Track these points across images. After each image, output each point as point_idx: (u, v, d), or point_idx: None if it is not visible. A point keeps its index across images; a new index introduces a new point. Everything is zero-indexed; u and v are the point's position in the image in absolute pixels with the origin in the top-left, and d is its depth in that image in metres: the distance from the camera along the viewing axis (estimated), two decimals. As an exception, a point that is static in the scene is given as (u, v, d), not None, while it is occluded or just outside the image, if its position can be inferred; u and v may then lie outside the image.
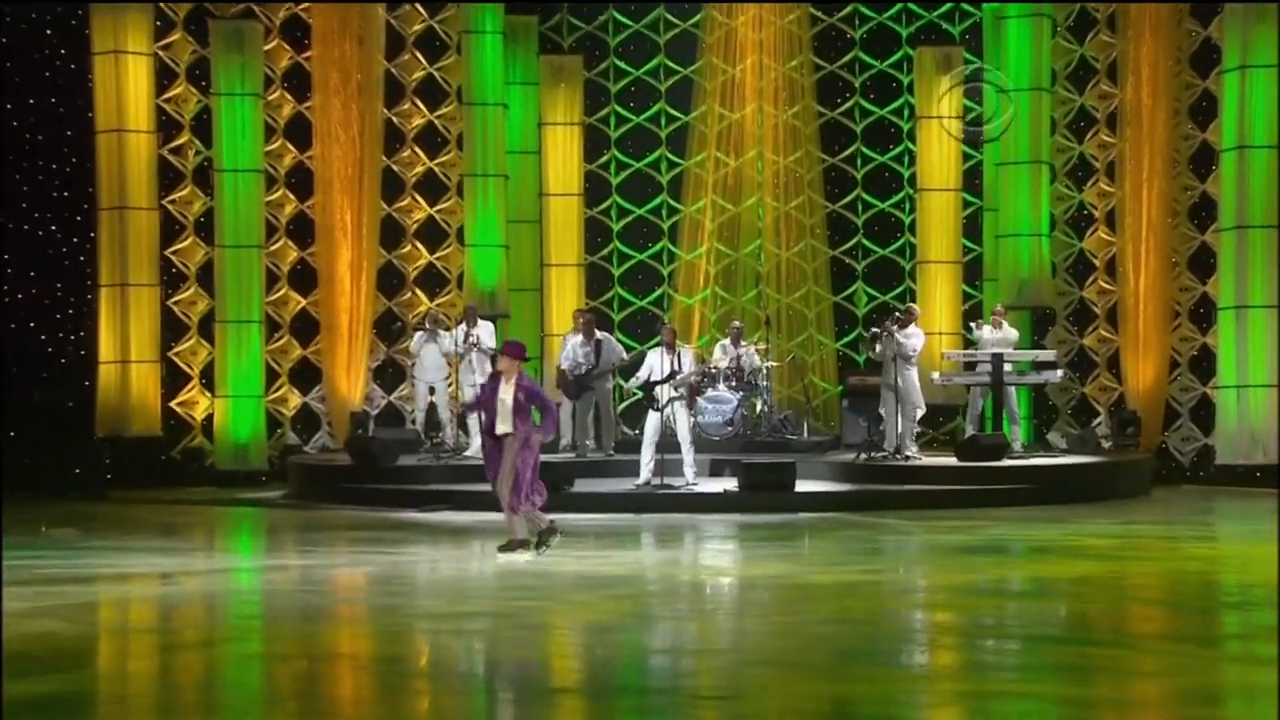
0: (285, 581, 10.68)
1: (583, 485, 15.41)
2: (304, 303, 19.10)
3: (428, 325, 17.33)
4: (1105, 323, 19.03)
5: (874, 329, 16.14)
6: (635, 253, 20.33)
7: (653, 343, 17.24)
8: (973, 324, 17.60)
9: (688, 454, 15.23)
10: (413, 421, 18.41)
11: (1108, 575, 10.53)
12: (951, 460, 16.07)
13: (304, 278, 19.16)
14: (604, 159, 20.28)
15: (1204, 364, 18.25)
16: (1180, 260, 18.46)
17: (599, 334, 17.12)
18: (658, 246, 20.33)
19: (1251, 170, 17.20)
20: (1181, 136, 18.44)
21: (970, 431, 16.97)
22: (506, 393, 11.45)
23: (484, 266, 18.82)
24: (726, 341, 18.18)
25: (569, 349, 17.10)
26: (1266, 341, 17.09)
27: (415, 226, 19.75)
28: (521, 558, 11.20)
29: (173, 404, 18.59)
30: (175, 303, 18.70)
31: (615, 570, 10.89)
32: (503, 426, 11.41)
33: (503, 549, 11.38)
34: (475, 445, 16.53)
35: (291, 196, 19.23)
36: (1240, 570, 11.19)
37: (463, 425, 17.33)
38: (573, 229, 19.75)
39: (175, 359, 18.64)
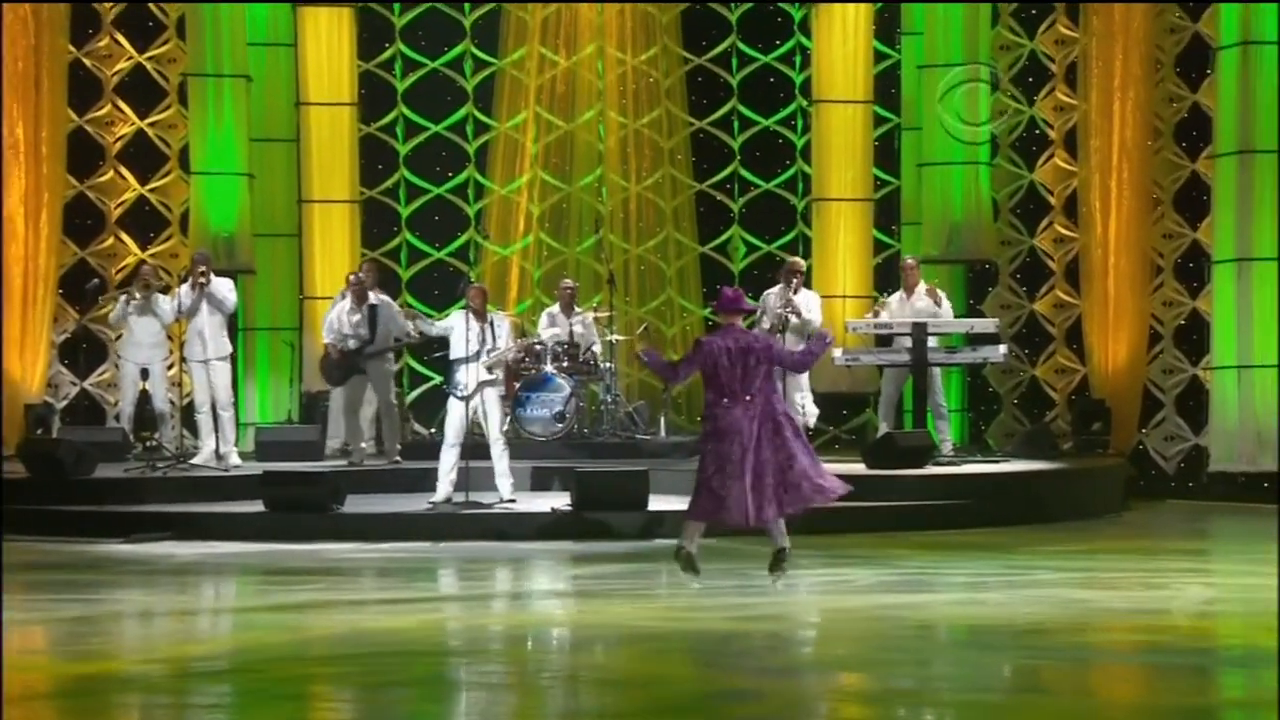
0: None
1: (358, 504, 15.25)
2: (-41, 252, 18.59)
3: (137, 293, 16.93)
4: (1063, 281, 19.35)
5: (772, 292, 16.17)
6: (430, 185, 20.17)
7: (456, 305, 17.04)
8: (882, 297, 17.64)
9: (501, 460, 15.12)
10: (117, 418, 18.14)
11: (1067, 622, 10.62)
12: (859, 467, 16.15)
13: (-40, 217, 18.66)
14: (386, 55, 20.07)
15: (1194, 336, 18.66)
16: (1164, 197, 18.84)
17: (374, 296, 16.91)
18: (461, 177, 20.20)
19: (1259, 74, 17.58)
20: (1166, 29, 18.80)
21: (884, 428, 17.09)
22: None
23: (218, 203, 18.57)
24: (555, 308, 18.12)
25: (333, 317, 16.88)
26: (1276, 305, 17.47)
27: (119, 146, 19.37)
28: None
29: None
30: None
31: (401, 621, 10.73)
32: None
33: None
34: (207, 450, 16.26)
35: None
36: (1243, 614, 11.38)
37: (189, 423, 16.98)
38: (343, 152, 19.56)
39: None
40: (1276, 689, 8.04)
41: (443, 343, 15.39)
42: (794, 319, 15.86)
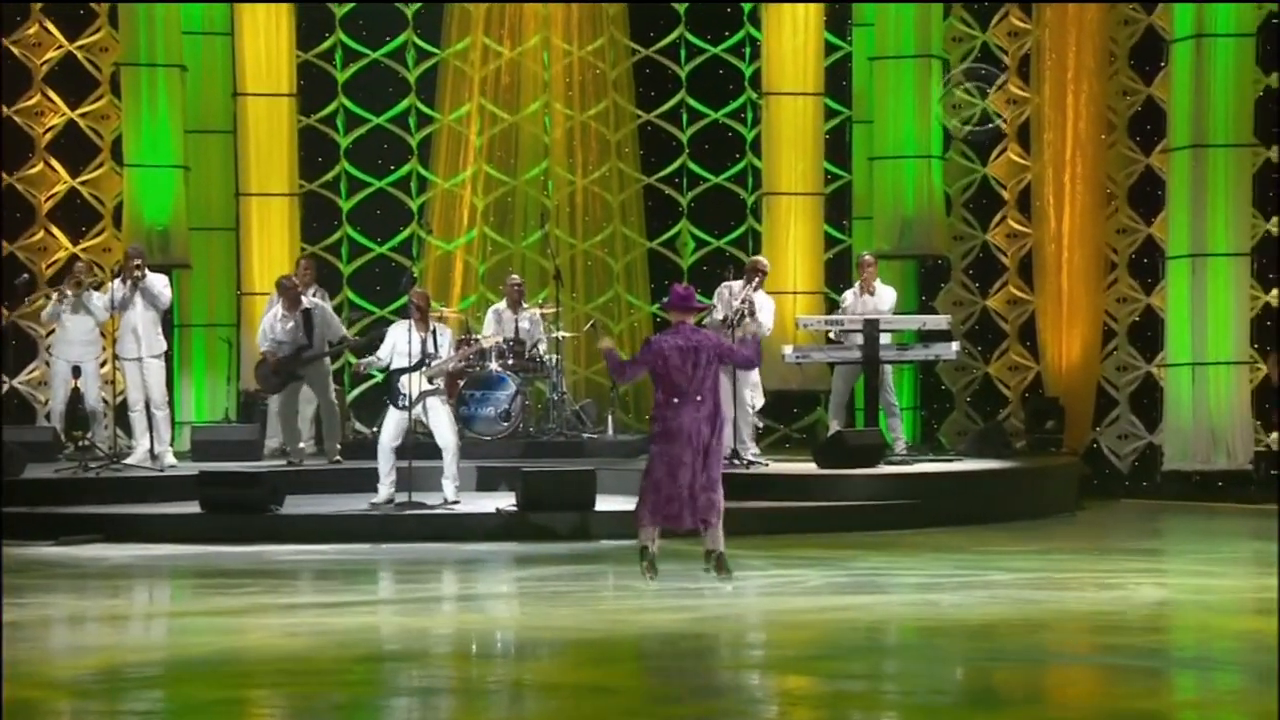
0: None
1: (297, 505, 15.20)
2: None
3: (69, 290, 16.86)
4: (1017, 277, 19.43)
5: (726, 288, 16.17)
6: (372, 178, 20.10)
7: (399, 301, 17.00)
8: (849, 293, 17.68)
9: (451, 465, 15.08)
10: (47, 417, 18.09)
11: (1020, 623, 10.67)
12: (809, 466, 16.19)
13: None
14: (325, 45, 19.98)
15: (1148, 333, 18.77)
16: (1118, 191, 18.93)
17: (308, 300, 16.84)
18: (404, 170, 20.14)
19: (1213, 67, 17.68)
20: (1119, 21, 18.90)
21: (834, 427, 17.13)
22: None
23: (152, 196, 18.47)
24: (501, 305, 18.08)
25: (266, 324, 16.84)
26: (1233, 302, 17.58)
27: (49, 137, 19.27)
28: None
29: None
30: None
31: (341, 625, 10.69)
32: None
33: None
34: (141, 450, 16.18)
35: None
36: (1197, 615, 11.45)
37: (122, 422, 16.89)
38: (282, 144, 19.45)
39: None
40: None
41: (369, 348, 15.47)
42: (748, 317, 15.87)
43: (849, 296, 17.33)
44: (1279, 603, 10.22)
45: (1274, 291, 18.06)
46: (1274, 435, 17.78)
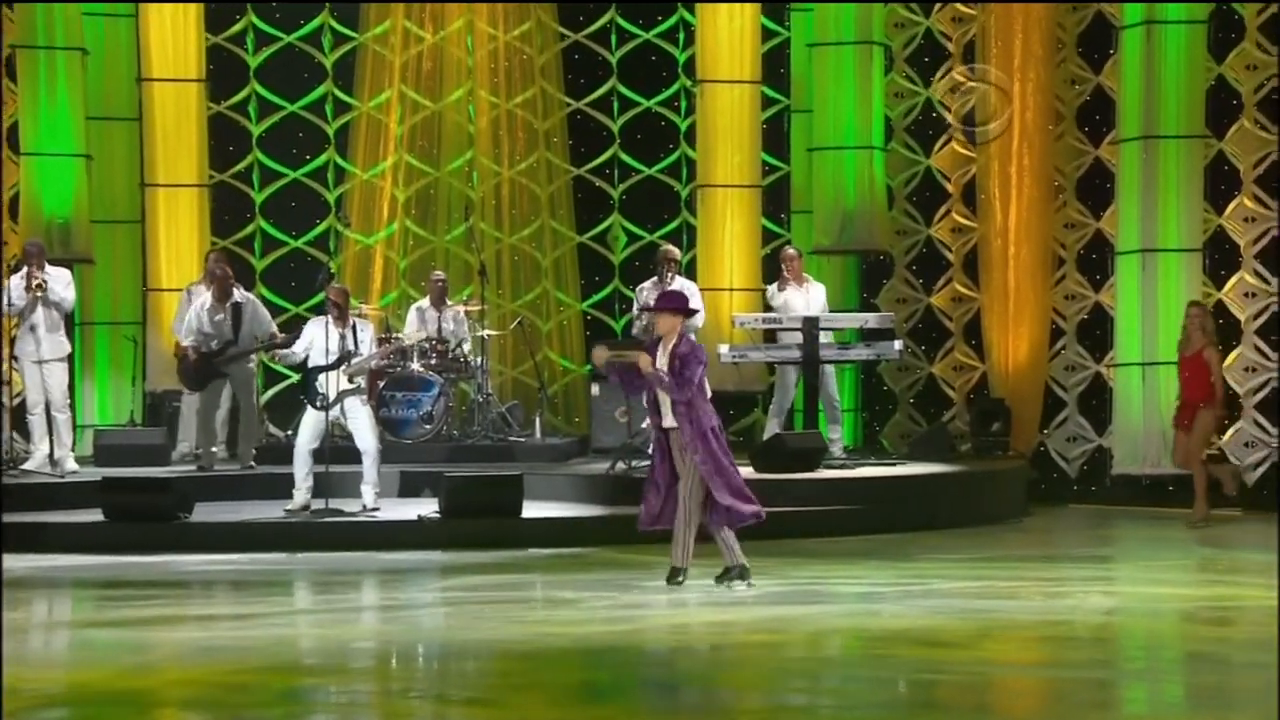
0: None
1: (208, 512, 15.16)
2: None
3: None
4: (962, 273, 19.52)
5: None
6: (286, 169, 20.03)
7: (315, 298, 16.97)
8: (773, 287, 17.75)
9: (371, 470, 15.05)
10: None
11: (964, 634, 10.73)
12: (747, 470, 16.22)
13: None
14: (236, 28, 19.90)
15: (1097, 331, 18.90)
16: (1066, 184, 19.06)
17: (239, 293, 16.77)
18: (320, 160, 20.08)
19: (1163, 56, 17.83)
20: (1067, 7, 19.02)
21: (773, 429, 17.19)
22: (662, 362, 12.08)
23: (51, 186, 18.38)
24: (424, 302, 18.07)
25: (191, 315, 16.72)
26: (1185, 300, 17.69)
27: (-61, 125, 19.12)
28: (742, 587, 12.03)
29: None
30: None
31: (255, 638, 10.66)
32: (665, 419, 12.13)
33: (722, 579, 12.16)
34: (40, 455, 16.08)
35: None
36: (1146, 624, 11.56)
37: (20, 426, 16.78)
38: (191, 133, 19.35)
39: None
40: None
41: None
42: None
43: (774, 291, 17.36)
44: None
45: (1225, 288, 18.19)
46: (1225, 438, 17.92)
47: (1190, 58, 17.81)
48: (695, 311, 13.46)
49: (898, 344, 17.24)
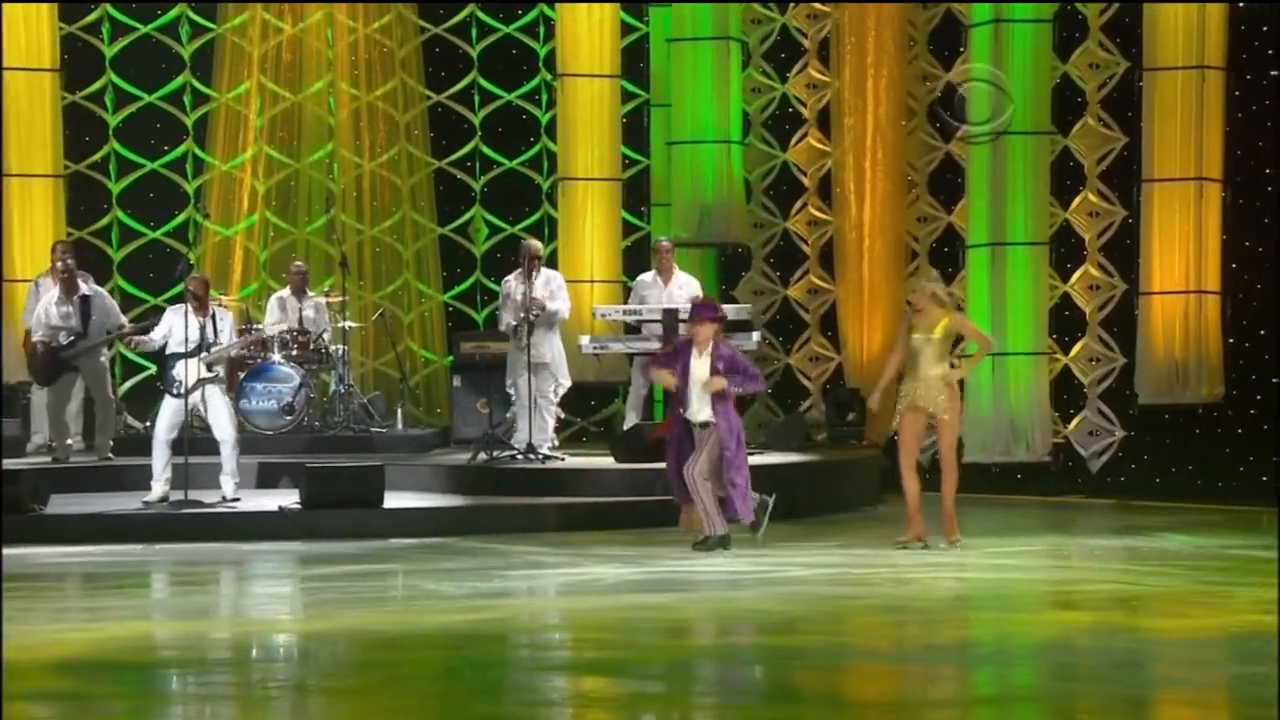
0: None
1: (62, 504, 14.98)
2: None
3: None
4: (818, 266, 19.65)
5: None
6: (144, 159, 19.82)
7: (174, 289, 16.81)
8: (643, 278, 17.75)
9: (230, 460, 14.94)
10: None
11: (819, 619, 10.82)
12: (608, 461, 16.25)
13: None
14: (91, 17, 19.67)
15: (948, 323, 19.04)
16: (918, 179, 19.24)
17: (86, 286, 16.54)
18: (178, 151, 19.90)
19: (1011, 53, 18.02)
20: (918, 5, 19.17)
21: (632, 420, 17.21)
22: (701, 367, 12.95)
23: (-99, 178, 18.01)
24: (285, 292, 17.94)
25: (40, 309, 16.48)
26: (1032, 292, 17.94)
27: None
28: (717, 558, 12.88)
29: None
30: None
31: (110, 632, 10.55)
32: (700, 413, 13.12)
33: (699, 546, 13.20)
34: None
35: None
36: (994, 609, 11.70)
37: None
38: (44, 123, 19.08)
39: None
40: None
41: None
42: (540, 313, 15.89)
43: (647, 280, 17.37)
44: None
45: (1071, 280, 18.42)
46: (1071, 426, 18.16)
47: (1037, 55, 18.03)
48: (724, 319, 14.06)
49: (756, 335, 17.28)
